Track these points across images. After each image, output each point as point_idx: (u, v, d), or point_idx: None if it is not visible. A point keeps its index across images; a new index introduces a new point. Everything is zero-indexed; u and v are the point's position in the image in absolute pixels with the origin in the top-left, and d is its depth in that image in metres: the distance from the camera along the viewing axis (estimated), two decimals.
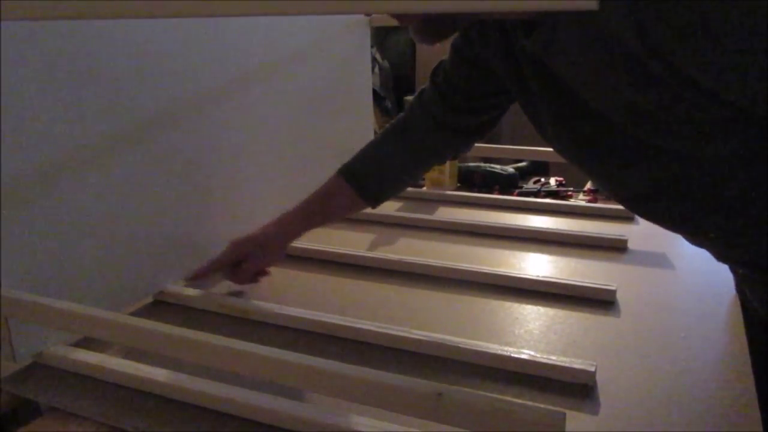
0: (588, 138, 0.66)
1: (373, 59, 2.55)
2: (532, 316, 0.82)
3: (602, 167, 0.69)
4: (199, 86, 0.89)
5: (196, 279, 0.88)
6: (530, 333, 0.77)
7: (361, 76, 1.36)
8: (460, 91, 0.83)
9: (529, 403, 0.45)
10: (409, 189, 1.43)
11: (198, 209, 0.92)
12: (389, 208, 1.29)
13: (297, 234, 0.92)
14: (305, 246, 1.05)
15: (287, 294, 0.90)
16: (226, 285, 0.93)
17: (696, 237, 0.73)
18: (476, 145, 0.96)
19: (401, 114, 0.92)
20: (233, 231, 1.00)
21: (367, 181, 0.89)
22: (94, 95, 0.74)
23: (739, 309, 0.82)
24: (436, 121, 0.86)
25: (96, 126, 0.74)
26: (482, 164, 1.53)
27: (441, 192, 1.39)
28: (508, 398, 0.46)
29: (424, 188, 1.47)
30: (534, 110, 0.71)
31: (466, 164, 1.54)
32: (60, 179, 0.71)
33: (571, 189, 1.44)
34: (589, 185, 1.46)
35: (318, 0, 0.47)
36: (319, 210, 0.91)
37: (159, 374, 0.66)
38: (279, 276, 0.97)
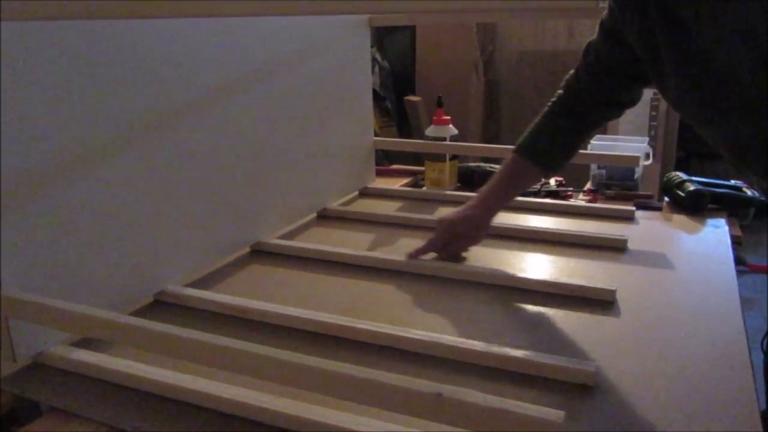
0: (705, 86, 0.74)
1: (373, 59, 2.55)
2: (532, 316, 0.82)
3: (715, 116, 0.76)
4: (200, 87, 0.89)
5: (414, 257, 0.99)
6: (530, 333, 0.77)
7: (361, 76, 1.36)
8: (607, 66, 0.92)
9: (529, 403, 0.45)
10: (409, 189, 1.43)
11: (198, 209, 0.92)
12: (389, 208, 1.30)
13: (496, 212, 1.04)
14: (305, 246, 1.05)
15: (287, 294, 0.90)
16: (226, 285, 0.93)
17: None
18: (476, 145, 0.97)
19: (559, 92, 1.02)
20: (233, 230, 1.01)
21: (546, 157, 1.01)
22: (94, 95, 0.73)
23: (739, 308, 0.82)
24: (593, 96, 0.97)
25: (96, 126, 0.74)
26: (482, 164, 1.53)
27: (441, 192, 1.39)
28: (508, 398, 0.46)
29: (424, 188, 1.47)
30: (659, 70, 0.80)
31: (466, 164, 1.54)
32: (60, 179, 0.71)
33: (571, 189, 1.44)
34: (588, 185, 1.46)
35: (318, 0, 0.47)
36: (510, 187, 1.04)
37: (159, 374, 0.66)
38: (279, 276, 0.97)
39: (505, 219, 1.21)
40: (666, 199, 1.31)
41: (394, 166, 1.72)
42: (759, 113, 0.69)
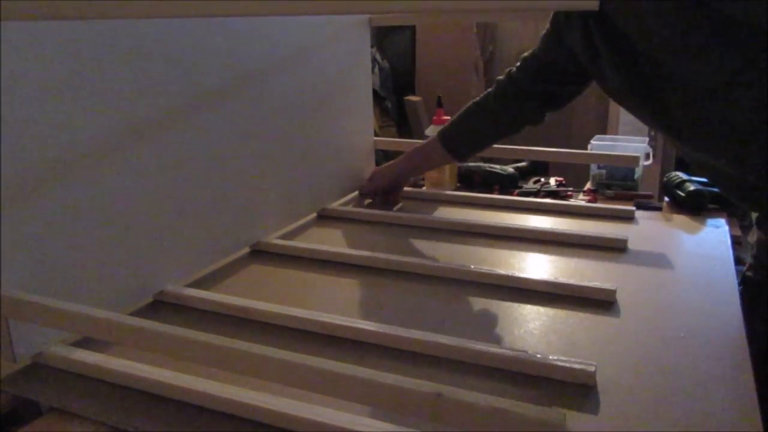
0: (636, 76, 0.88)
1: (373, 59, 2.55)
2: (532, 316, 0.82)
3: (645, 102, 0.89)
4: (200, 86, 0.89)
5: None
6: (530, 333, 0.77)
7: (361, 76, 1.36)
8: (544, 62, 1.06)
9: (529, 403, 0.45)
10: (409, 189, 1.43)
11: (198, 208, 0.92)
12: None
13: (409, 176, 1.36)
14: (305, 246, 1.05)
15: (287, 294, 0.90)
16: (226, 285, 0.93)
17: (717, 172, 0.88)
18: None
19: (489, 90, 1.15)
20: (233, 230, 1.01)
21: (458, 145, 1.19)
22: (94, 95, 0.73)
23: (739, 309, 0.82)
24: (524, 93, 1.10)
25: (96, 126, 0.74)
26: (482, 164, 1.53)
27: (441, 192, 1.39)
28: (508, 398, 0.46)
29: (424, 188, 1.47)
30: (598, 68, 0.94)
31: (466, 164, 1.54)
32: (60, 179, 0.71)
33: (571, 189, 1.44)
34: (588, 185, 1.46)
35: (318, 0, 0.47)
36: (420, 163, 1.30)
37: (159, 374, 0.66)
38: (279, 276, 0.97)
39: (506, 219, 1.21)
40: (666, 199, 1.31)
41: None
42: (693, 101, 0.82)
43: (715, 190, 1.25)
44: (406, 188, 1.46)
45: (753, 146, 0.78)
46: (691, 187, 1.24)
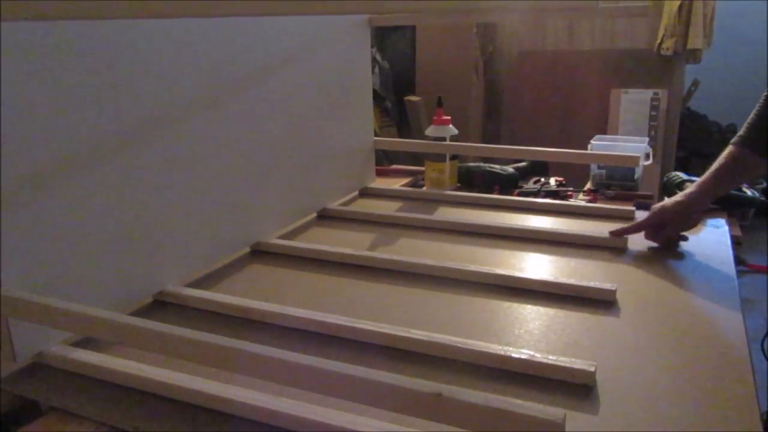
0: None
1: (373, 59, 2.55)
2: (532, 316, 0.82)
3: None
4: (200, 87, 0.89)
5: (618, 235, 1.04)
6: (530, 333, 0.77)
7: (361, 76, 1.36)
8: None
9: (529, 403, 0.45)
10: (409, 189, 1.43)
11: (198, 209, 0.92)
12: (389, 208, 1.29)
13: (709, 201, 1.03)
14: (305, 246, 1.05)
15: (287, 294, 0.90)
16: (226, 285, 0.93)
17: None
18: (476, 145, 0.96)
19: None
20: (233, 230, 1.01)
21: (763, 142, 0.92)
22: (94, 95, 0.73)
23: (739, 309, 0.82)
24: None
25: (96, 126, 0.74)
26: (482, 164, 1.53)
27: (441, 192, 1.39)
28: (508, 398, 0.46)
29: (424, 188, 1.47)
30: None
31: (466, 164, 1.54)
32: (60, 179, 0.71)
33: (571, 189, 1.44)
34: (588, 185, 1.46)
35: (318, 0, 0.47)
36: (729, 179, 1.01)
37: (159, 374, 0.66)
38: (279, 276, 0.97)
39: (506, 219, 1.21)
40: (666, 199, 1.31)
41: (394, 166, 1.72)
42: None
43: None
44: (405, 188, 1.46)
45: None
46: None
